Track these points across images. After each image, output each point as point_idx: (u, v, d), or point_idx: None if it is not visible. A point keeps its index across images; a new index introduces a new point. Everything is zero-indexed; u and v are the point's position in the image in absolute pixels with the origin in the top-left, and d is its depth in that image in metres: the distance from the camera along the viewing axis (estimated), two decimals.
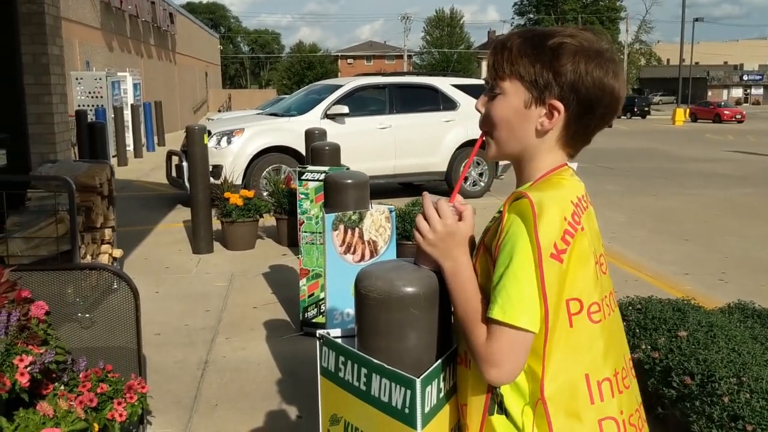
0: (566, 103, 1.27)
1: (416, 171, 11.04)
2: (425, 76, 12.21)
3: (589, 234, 1.29)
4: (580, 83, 1.26)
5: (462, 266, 1.30)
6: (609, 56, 1.29)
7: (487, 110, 1.36)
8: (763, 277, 6.48)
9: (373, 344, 1.34)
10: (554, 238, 1.21)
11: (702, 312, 3.44)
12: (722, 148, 21.84)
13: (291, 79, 79.29)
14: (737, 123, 40.62)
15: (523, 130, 1.31)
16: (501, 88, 1.32)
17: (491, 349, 1.22)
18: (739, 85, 76.39)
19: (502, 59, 1.30)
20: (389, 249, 3.09)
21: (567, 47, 1.26)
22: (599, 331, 1.28)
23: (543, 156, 1.33)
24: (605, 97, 1.28)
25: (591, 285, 1.28)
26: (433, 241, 1.31)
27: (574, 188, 1.32)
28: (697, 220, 9.48)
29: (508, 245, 1.23)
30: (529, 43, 1.29)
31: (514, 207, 1.25)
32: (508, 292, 1.21)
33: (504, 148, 1.36)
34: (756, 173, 15.05)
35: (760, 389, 2.54)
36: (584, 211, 1.30)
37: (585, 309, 1.26)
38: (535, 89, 1.28)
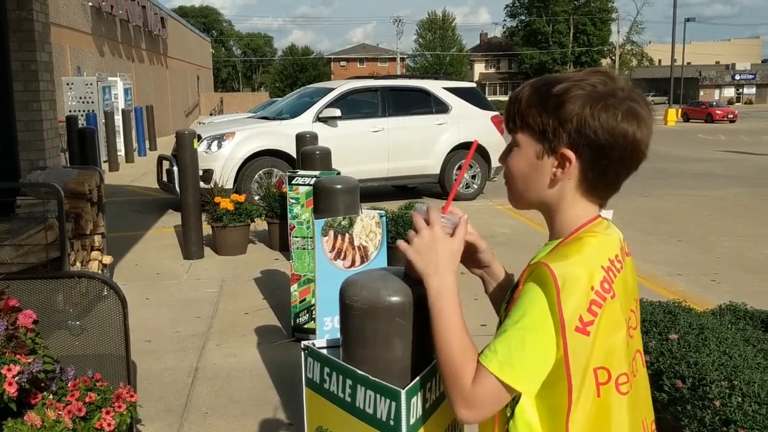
0: (577, 150, 1.22)
1: (410, 174, 11.04)
2: (417, 79, 12.22)
3: (623, 297, 1.24)
4: (587, 128, 1.20)
5: (449, 289, 1.25)
6: (624, 96, 1.22)
7: (506, 163, 1.34)
8: (756, 278, 6.48)
9: (358, 355, 1.32)
10: (580, 311, 1.16)
11: (693, 314, 3.42)
12: (714, 148, 21.91)
13: (283, 82, 79.34)
14: (729, 123, 40.76)
15: (538, 182, 1.28)
16: (516, 141, 1.30)
17: (475, 394, 1.19)
18: (731, 84, 76.73)
19: (514, 112, 1.28)
20: (380, 254, 3.07)
21: (572, 92, 1.22)
22: (626, 404, 1.24)
23: (568, 208, 1.28)
24: (617, 140, 1.21)
25: (621, 354, 1.23)
26: (419, 248, 1.26)
27: (606, 248, 1.26)
28: (690, 220, 9.50)
29: (521, 308, 1.19)
30: (537, 93, 1.26)
31: (534, 276, 1.20)
32: (510, 351, 1.17)
33: (521, 199, 1.33)
34: (748, 173, 15.10)
35: (752, 393, 2.53)
36: (618, 273, 1.24)
37: (613, 380, 1.22)
38: (544, 139, 1.24)
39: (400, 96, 11.16)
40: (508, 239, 8.02)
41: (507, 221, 9.08)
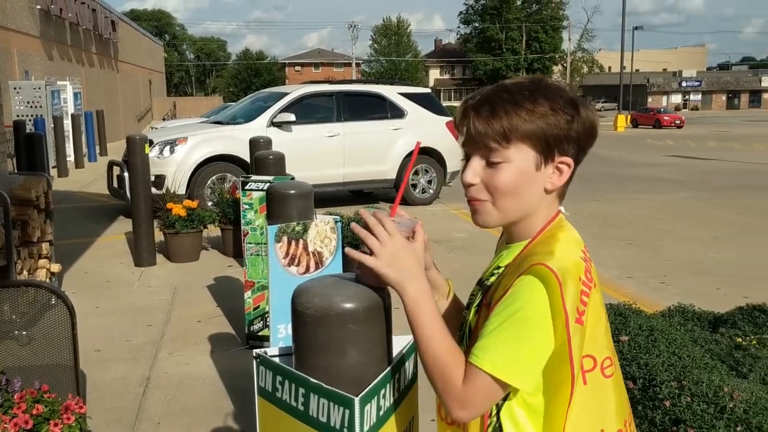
0: (572, 155, 1.25)
1: (366, 179, 11.03)
2: (373, 84, 12.23)
3: (599, 284, 1.27)
4: (582, 131, 1.24)
5: (425, 294, 1.23)
6: (578, 95, 1.27)
7: (486, 181, 1.26)
8: (703, 280, 6.65)
9: (310, 362, 1.30)
10: (576, 303, 1.18)
11: (643, 316, 3.49)
12: (663, 153, 22.44)
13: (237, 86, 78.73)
14: (677, 128, 41.80)
15: (533, 193, 1.26)
16: (503, 156, 1.23)
17: (468, 394, 1.19)
18: (678, 91, 78.73)
19: (500, 126, 1.22)
20: (335, 260, 3.05)
21: (558, 101, 1.23)
22: (612, 385, 1.27)
23: (542, 211, 1.29)
24: (595, 135, 1.27)
25: (603, 339, 1.26)
26: (388, 261, 1.22)
27: (577, 239, 1.29)
28: (640, 224, 9.70)
29: (515, 304, 1.17)
30: (522, 107, 1.23)
31: (531, 272, 1.18)
32: (504, 348, 1.17)
33: (509, 214, 1.28)
34: (695, 177, 15.50)
35: (700, 392, 2.58)
36: (590, 262, 1.27)
37: (599, 365, 1.24)
38: (546, 149, 1.23)
39: (356, 101, 11.16)
40: (465, 243, 8.07)
41: (463, 225, 9.15)
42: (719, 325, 3.76)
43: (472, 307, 1.33)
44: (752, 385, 2.75)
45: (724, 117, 60.68)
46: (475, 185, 1.27)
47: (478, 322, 1.28)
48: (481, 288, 1.34)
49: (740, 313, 3.78)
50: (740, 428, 2.45)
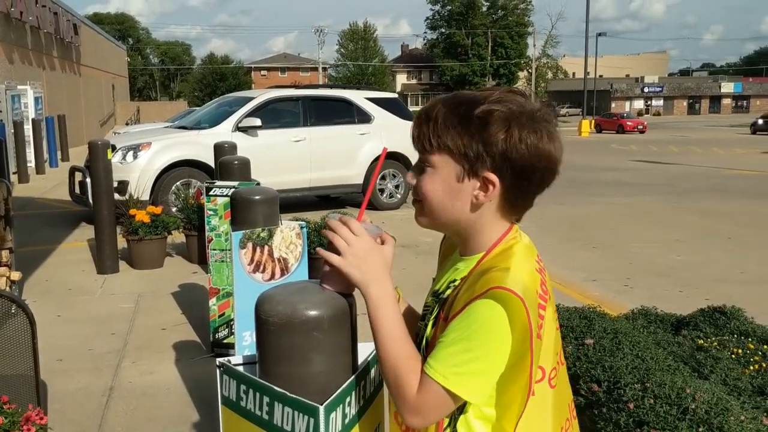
0: (500, 173, 1.20)
1: (333, 184, 11.01)
2: (339, 89, 12.21)
3: (552, 295, 1.28)
4: (513, 152, 1.19)
5: (389, 296, 1.23)
6: (541, 117, 1.22)
7: (418, 184, 1.28)
8: (666, 283, 6.75)
9: (275, 371, 1.29)
10: (536, 319, 1.18)
11: (608, 319, 3.52)
12: (626, 158, 22.80)
13: (203, 90, 78.07)
14: (639, 133, 42.51)
15: (458, 205, 1.25)
16: (430, 162, 1.24)
17: (421, 402, 1.19)
18: (640, 96, 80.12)
19: (428, 131, 1.23)
20: (301, 266, 3.03)
21: (496, 115, 1.19)
22: (553, 395, 1.28)
23: (486, 228, 1.27)
24: (541, 161, 1.21)
25: (551, 350, 1.26)
26: (354, 261, 1.22)
27: (531, 251, 1.28)
28: (604, 227, 9.82)
29: (473, 321, 1.17)
30: (455, 113, 1.21)
31: (493, 296, 1.16)
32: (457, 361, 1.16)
33: (437, 221, 1.30)
34: (658, 181, 15.77)
35: (663, 394, 2.61)
36: (545, 272, 1.28)
37: (546, 376, 1.25)
38: (466, 162, 1.21)
39: (322, 106, 11.14)
40: (432, 248, 8.08)
41: (430, 230, 9.15)
42: (681, 327, 3.81)
43: (429, 320, 1.32)
44: (713, 386, 2.79)
45: (685, 122, 61.90)
46: (413, 186, 1.30)
47: (434, 335, 1.28)
48: (437, 300, 1.33)
49: (701, 315, 3.84)
50: (702, 429, 2.48)
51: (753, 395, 2.88)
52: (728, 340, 3.38)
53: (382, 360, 1.24)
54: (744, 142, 32.72)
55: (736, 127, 47.74)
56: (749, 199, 12.78)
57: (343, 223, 1.24)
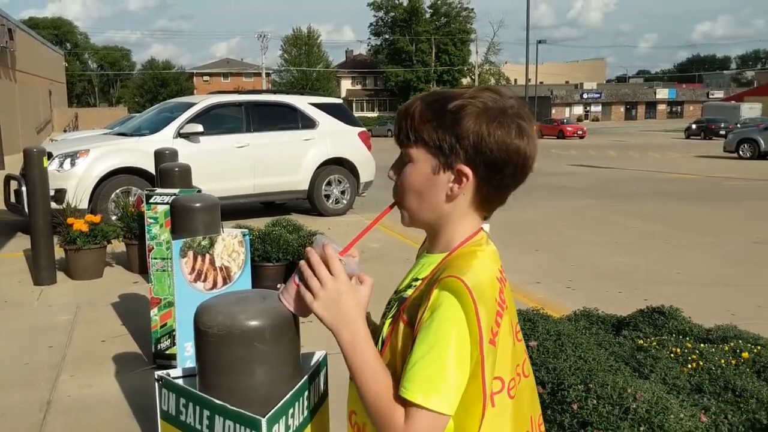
0: (474, 166, 1.23)
1: (278, 190, 10.92)
2: (283, 94, 12.13)
3: (511, 306, 1.28)
4: (483, 145, 1.21)
5: (362, 337, 1.21)
6: (513, 113, 1.24)
7: (398, 179, 1.31)
8: (606, 284, 6.90)
9: (215, 383, 1.25)
10: (491, 323, 1.18)
11: (551, 321, 3.57)
12: (567, 162, 23.28)
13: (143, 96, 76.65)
14: (579, 138, 43.51)
15: (434, 198, 1.27)
16: (409, 156, 1.27)
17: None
18: (579, 102, 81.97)
19: (406, 127, 1.26)
20: (243, 274, 2.98)
21: (468, 109, 1.22)
22: (512, 406, 1.27)
23: (459, 222, 1.29)
24: (511, 157, 1.23)
25: (509, 361, 1.26)
26: (327, 303, 1.20)
27: (494, 260, 1.30)
28: (547, 230, 9.99)
29: (435, 326, 1.16)
30: (431, 108, 1.25)
31: (446, 286, 1.17)
32: (432, 377, 1.15)
33: (417, 216, 1.31)
34: (597, 185, 16.15)
35: (605, 395, 2.65)
36: (505, 283, 1.28)
37: (505, 386, 1.24)
38: (440, 154, 1.24)
39: (266, 111, 11.04)
40: (379, 254, 8.08)
41: (377, 236, 9.17)
42: (622, 327, 3.89)
43: (387, 318, 1.32)
44: (653, 385, 2.85)
45: (622, 127, 63.61)
46: (394, 182, 1.32)
47: (390, 334, 1.27)
48: (397, 299, 1.33)
49: (641, 316, 3.93)
50: (643, 428, 2.53)
51: (691, 393, 2.96)
52: (667, 339, 3.47)
53: (364, 399, 1.22)
54: (679, 146, 33.81)
55: (671, 132, 49.30)
56: (684, 201, 13.19)
57: (323, 258, 1.22)
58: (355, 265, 1.27)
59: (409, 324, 1.23)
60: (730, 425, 2.70)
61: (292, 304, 1.25)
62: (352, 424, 1.35)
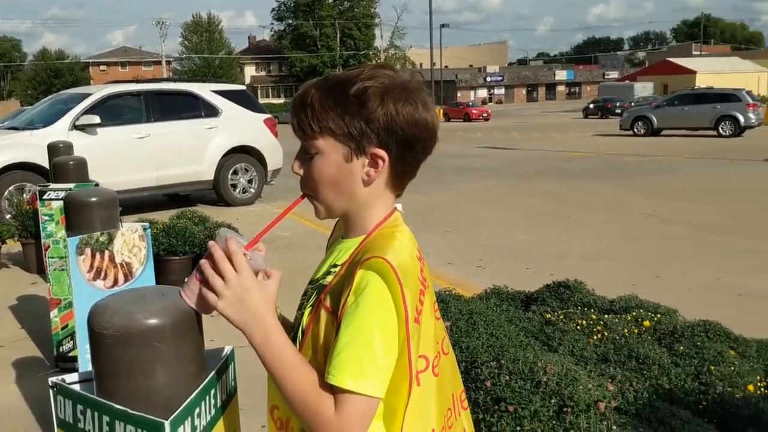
0: (387, 147, 1.21)
1: (182, 181, 10.61)
2: (183, 82, 11.77)
3: (431, 285, 1.27)
4: (394, 125, 1.19)
5: (274, 332, 1.17)
6: (414, 87, 1.23)
7: (306, 172, 1.25)
8: (513, 262, 7.08)
9: (114, 387, 1.18)
10: (415, 302, 1.16)
11: (462, 301, 3.62)
12: (473, 145, 23.72)
13: (36, 88, 72.91)
14: (484, 121, 44.40)
15: (351, 185, 1.24)
16: (316, 148, 1.23)
17: (343, 422, 1.12)
18: (483, 86, 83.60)
19: (307, 118, 1.22)
20: (146, 270, 2.85)
21: (371, 90, 1.19)
22: (436, 383, 1.26)
23: (374, 204, 1.27)
24: (421, 131, 1.22)
25: (431, 339, 1.25)
26: (233, 301, 1.15)
27: (412, 240, 1.28)
28: (456, 212, 10.15)
29: (361, 309, 1.13)
30: (331, 95, 1.21)
31: (370, 267, 1.14)
32: (359, 360, 1.11)
33: (334, 207, 1.27)
34: (504, 166, 16.53)
35: (517, 370, 2.71)
36: (423, 263, 1.27)
37: (430, 364, 1.23)
38: (351, 141, 1.20)
39: (166, 100, 10.68)
40: (290, 242, 7.99)
41: (286, 224, 9.03)
42: (531, 303, 3.99)
43: (306, 308, 1.28)
44: (562, 357, 2.93)
45: (525, 109, 65.42)
46: (301, 176, 1.27)
47: (311, 323, 1.23)
48: (315, 287, 1.29)
49: (548, 291, 4.04)
50: (554, 400, 2.60)
51: (598, 363, 3.06)
52: (573, 312, 3.58)
53: (287, 395, 1.17)
54: (578, 125, 35.05)
55: (571, 112, 51.06)
56: (585, 179, 13.69)
57: (226, 253, 1.16)
58: (261, 259, 1.22)
59: (332, 311, 1.20)
60: (635, 391, 2.81)
61: (194, 300, 1.19)
62: (275, 419, 1.31)
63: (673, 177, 13.62)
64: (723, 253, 7.26)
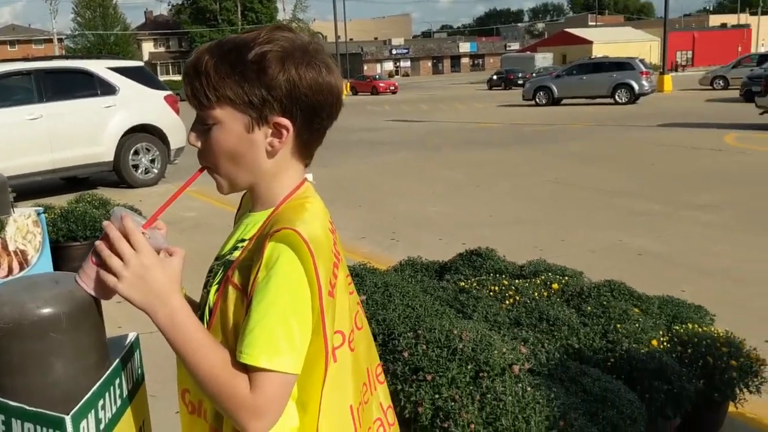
0: (291, 115, 1.14)
1: (79, 163, 10.13)
2: (77, 60, 11.19)
3: (343, 258, 1.23)
4: (298, 92, 1.13)
5: (181, 312, 1.10)
6: (315, 49, 1.16)
7: (204, 144, 1.17)
8: (426, 233, 7.15)
9: (8, 384, 1.09)
10: (329, 275, 1.12)
11: (378, 273, 3.61)
12: (382, 118, 23.76)
13: None
14: (392, 94, 44.53)
15: (253, 157, 1.17)
16: (213, 118, 1.14)
17: (260, 401, 1.06)
18: (389, 59, 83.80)
19: (202, 86, 1.13)
20: (43, 257, 2.69)
21: (270, 55, 1.11)
22: (353, 357, 1.22)
23: (282, 175, 1.20)
24: (326, 96, 1.16)
25: (347, 313, 1.21)
26: (133, 282, 1.07)
27: (324, 212, 1.22)
28: (367, 186, 10.16)
29: (272, 284, 1.07)
30: (227, 61, 1.12)
31: (281, 239, 1.08)
32: (274, 336, 1.06)
33: (236, 181, 1.20)
34: (412, 138, 16.64)
35: (434, 339, 2.72)
36: (336, 235, 1.22)
37: (346, 340, 1.19)
38: (252, 110, 1.13)
39: (59, 79, 10.13)
40: (197, 222, 7.78)
41: (193, 204, 8.81)
42: (444, 272, 4.03)
43: (212, 285, 1.21)
44: (477, 324, 2.97)
45: (431, 81, 66.05)
46: (199, 148, 1.19)
47: (218, 301, 1.17)
48: (221, 263, 1.22)
49: (461, 260, 4.08)
50: (470, 366, 2.63)
51: (511, 327, 3.12)
52: (485, 279, 3.63)
53: (198, 378, 1.10)
54: (483, 97, 35.70)
55: (475, 84, 51.93)
56: (492, 148, 13.97)
57: (122, 233, 1.08)
58: (162, 238, 1.15)
59: (242, 288, 1.14)
60: (547, 353, 2.88)
61: (91, 286, 1.11)
62: (186, 403, 1.25)
63: (575, 144, 14.08)
64: (623, 217, 7.58)
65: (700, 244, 6.36)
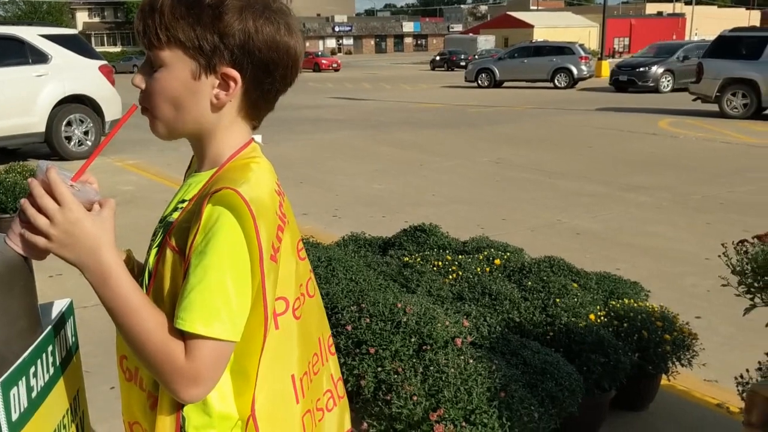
0: (241, 68, 1.09)
1: (9, 134, 9.71)
2: (7, 26, 10.70)
3: (292, 222, 1.18)
4: (251, 44, 1.07)
5: (114, 269, 1.03)
6: (277, 7, 1.11)
7: (147, 86, 1.12)
8: (370, 210, 7.13)
9: None
10: (272, 238, 1.07)
11: (321, 248, 3.58)
12: (325, 96, 23.56)
13: None
14: (334, 71, 44.22)
15: (196, 106, 1.11)
16: (161, 60, 1.09)
17: (195, 368, 1.02)
18: (332, 36, 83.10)
19: (154, 24, 1.07)
20: None
21: (229, 3, 1.06)
22: (299, 326, 1.18)
23: (226, 132, 1.15)
24: (281, 56, 1.11)
25: (292, 280, 1.17)
26: (62, 238, 1.01)
27: (270, 173, 1.16)
28: (310, 163, 10.06)
29: (210, 247, 1.01)
30: (184, 2, 1.06)
31: (220, 200, 1.02)
32: (212, 302, 1.01)
33: (174, 127, 1.13)
34: (356, 116, 16.56)
35: (377, 312, 2.71)
36: (284, 197, 1.17)
37: (290, 307, 1.15)
38: (201, 56, 1.07)
39: None
40: (133, 196, 7.58)
41: (129, 178, 8.57)
42: (388, 248, 4.02)
43: (153, 248, 1.15)
44: (420, 298, 2.98)
45: (374, 60, 65.80)
46: (142, 90, 1.13)
47: (157, 264, 1.11)
48: (161, 225, 1.17)
49: (405, 235, 4.08)
50: (414, 339, 2.63)
51: (454, 301, 3.14)
52: (429, 254, 3.64)
53: (131, 342, 1.05)
54: (426, 77, 35.76)
55: (419, 64, 51.98)
56: (435, 128, 14.02)
57: (46, 188, 1.01)
58: (93, 191, 1.09)
59: (179, 250, 1.08)
60: (489, 326, 2.91)
61: (20, 246, 1.05)
62: (124, 369, 1.19)
63: (516, 126, 14.25)
64: (562, 197, 7.71)
65: (635, 224, 6.53)
